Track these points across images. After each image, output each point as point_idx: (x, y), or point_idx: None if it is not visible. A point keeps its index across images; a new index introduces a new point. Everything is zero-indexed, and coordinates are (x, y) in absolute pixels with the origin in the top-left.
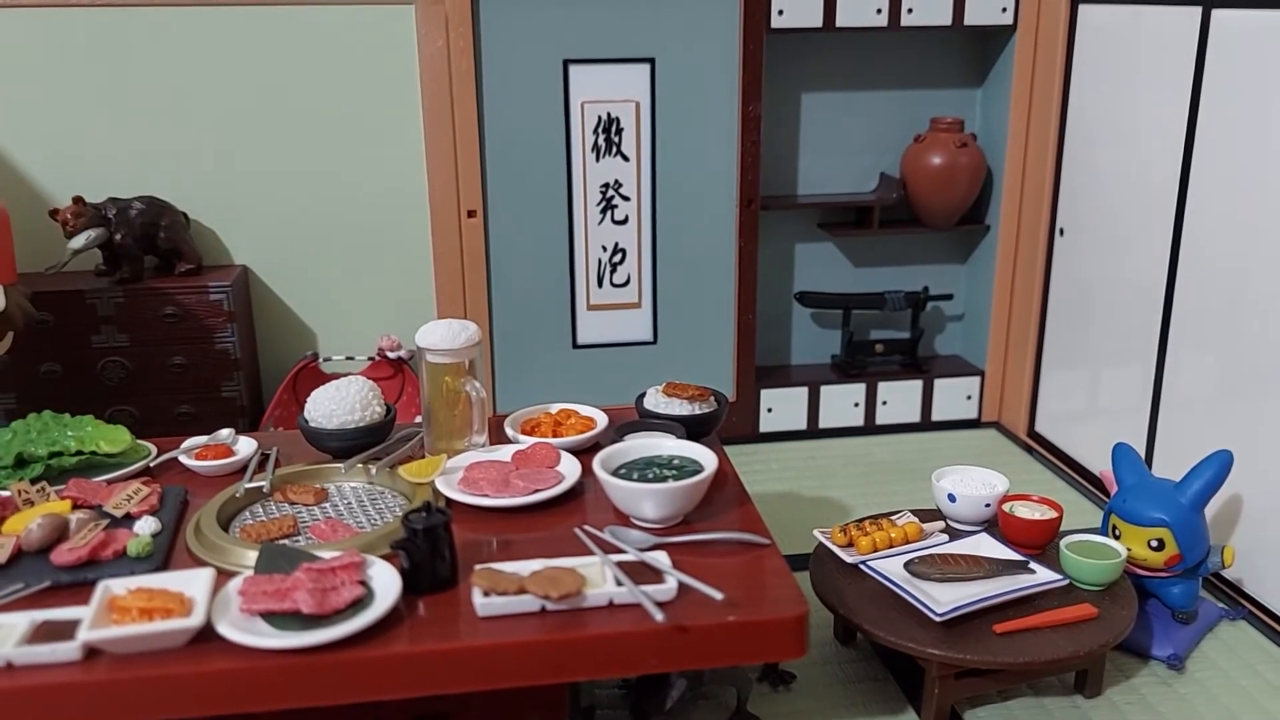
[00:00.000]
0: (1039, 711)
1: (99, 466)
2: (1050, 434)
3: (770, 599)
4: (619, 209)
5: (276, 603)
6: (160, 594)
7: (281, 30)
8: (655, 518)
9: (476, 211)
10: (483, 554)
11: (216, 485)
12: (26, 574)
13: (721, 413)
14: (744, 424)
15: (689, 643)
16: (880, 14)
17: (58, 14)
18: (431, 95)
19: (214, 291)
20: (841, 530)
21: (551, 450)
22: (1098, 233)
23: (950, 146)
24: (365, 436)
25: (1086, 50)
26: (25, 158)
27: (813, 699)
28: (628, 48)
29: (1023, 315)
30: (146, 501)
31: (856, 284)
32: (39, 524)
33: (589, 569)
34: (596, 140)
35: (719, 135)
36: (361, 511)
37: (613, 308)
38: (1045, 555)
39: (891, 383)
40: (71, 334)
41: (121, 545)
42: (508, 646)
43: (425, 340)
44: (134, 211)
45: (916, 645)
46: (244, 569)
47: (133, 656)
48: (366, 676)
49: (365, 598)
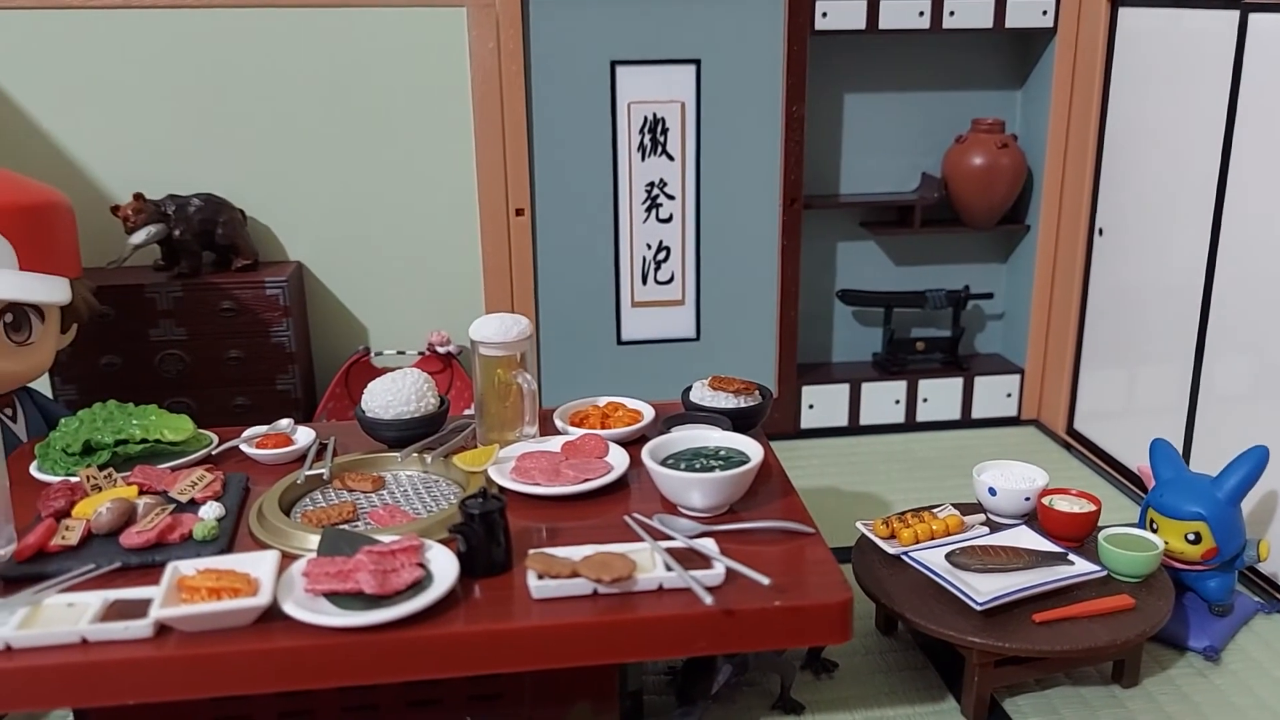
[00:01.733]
0: (1077, 701)
1: (163, 454)
2: (1089, 431)
3: (815, 585)
4: (663, 207)
5: (340, 583)
6: (228, 574)
7: (337, 32)
8: (702, 506)
9: (524, 210)
10: (534, 540)
11: (276, 473)
12: (97, 555)
13: (766, 406)
14: (785, 420)
15: (736, 626)
16: (922, 16)
17: (121, 15)
18: (482, 96)
19: (270, 287)
20: (884, 522)
21: (600, 441)
22: (1137, 233)
23: (991, 147)
24: (420, 427)
25: (1126, 52)
26: (88, 155)
27: (855, 687)
28: (674, 49)
29: (1062, 314)
30: (210, 488)
31: (898, 282)
32: (108, 508)
33: (639, 555)
34: (642, 140)
35: (763, 135)
36: (417, 498)
37: (657, 305)
38: (1084, 548)
39: (932, 380)
40: (131, 327)
41: (188, 529)
42: (561, 628)
43: (479, 333)
44: (192, 208)
45: (957, 634)
46: (306, 552)
47: (201, 634)
48: (425, 655)
49: (424, 580)
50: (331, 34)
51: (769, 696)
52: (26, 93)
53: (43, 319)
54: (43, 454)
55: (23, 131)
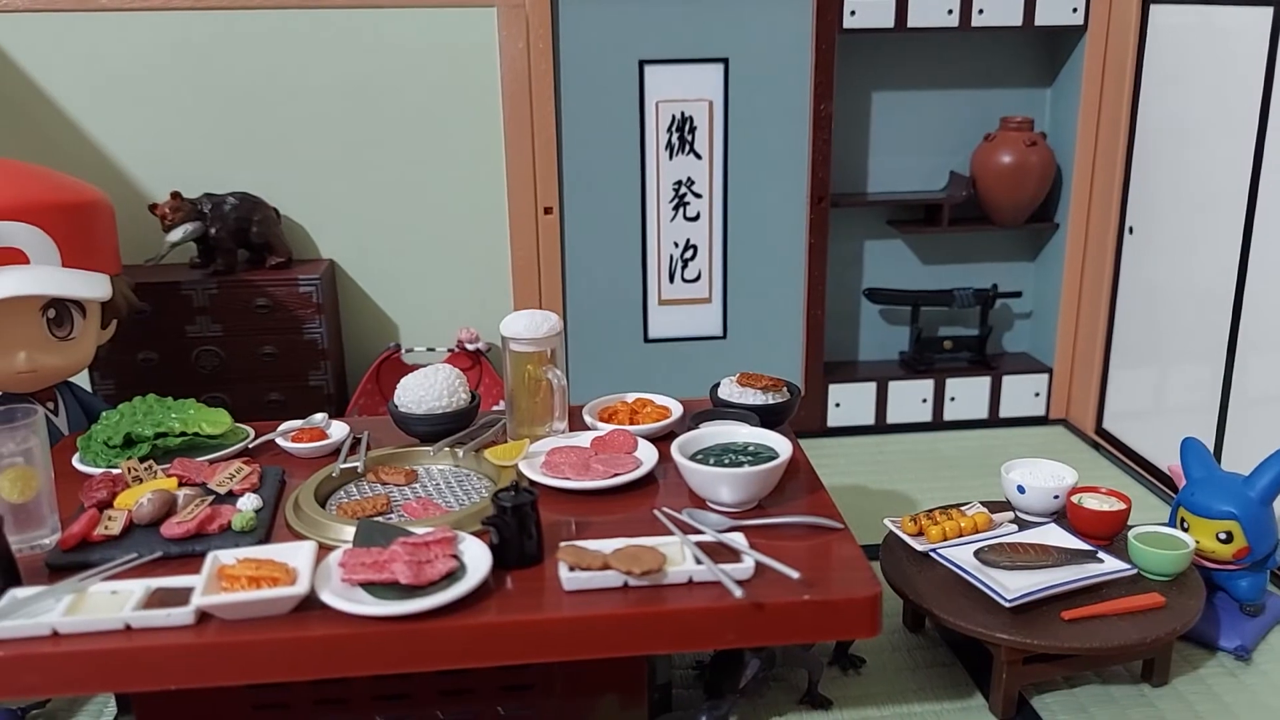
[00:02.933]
0: (1106, 699)
1: (201, 447)
2: (1118, 431)
3: (844, 579)
4: (691, 206)
5: (375, 573)
6: (267, 564)
7: (369, 33)
8: (731, 501)
9: (553, 208)
10: (564, 534)
11: (311, 466)
12: (138, 545)
13: (794, 403)
14: (812, 418)
15: (766, 619)
16: (951, 15)
17: (159, 18)
18: (511, 95)
19: (303, 284)
20: (912, 519)
21: (629, 437)
22: (1167, 231)
23: (1020, 145)
24: (451, 422)
25: (1157, 50)
26: (126, 154)
27: (882, 683)
28: (702, 48)
29: (1091, 313)
30: (248, 480)
31: (925, 281)
32: (149, 499)
33: (668, 548)
34: (670, 139)
35: (790, 133)
36: (450, 492)
37: (684, 303)
38: (1113, 547)
39: (960, 379)
40: (168, 324)
41: (226, 520)
42: (592, 619)
43: (509, 330)
44: (228, 206)
45: (985, 630)
46: (341, 543)
47: (241, 622)
48: (459, 644)
49: (458, 571)
50: (364, 35)
51: (796, 691)
52: (68, 94)
53: (84, 315)
54: (84, 446)
55: (64, 131)
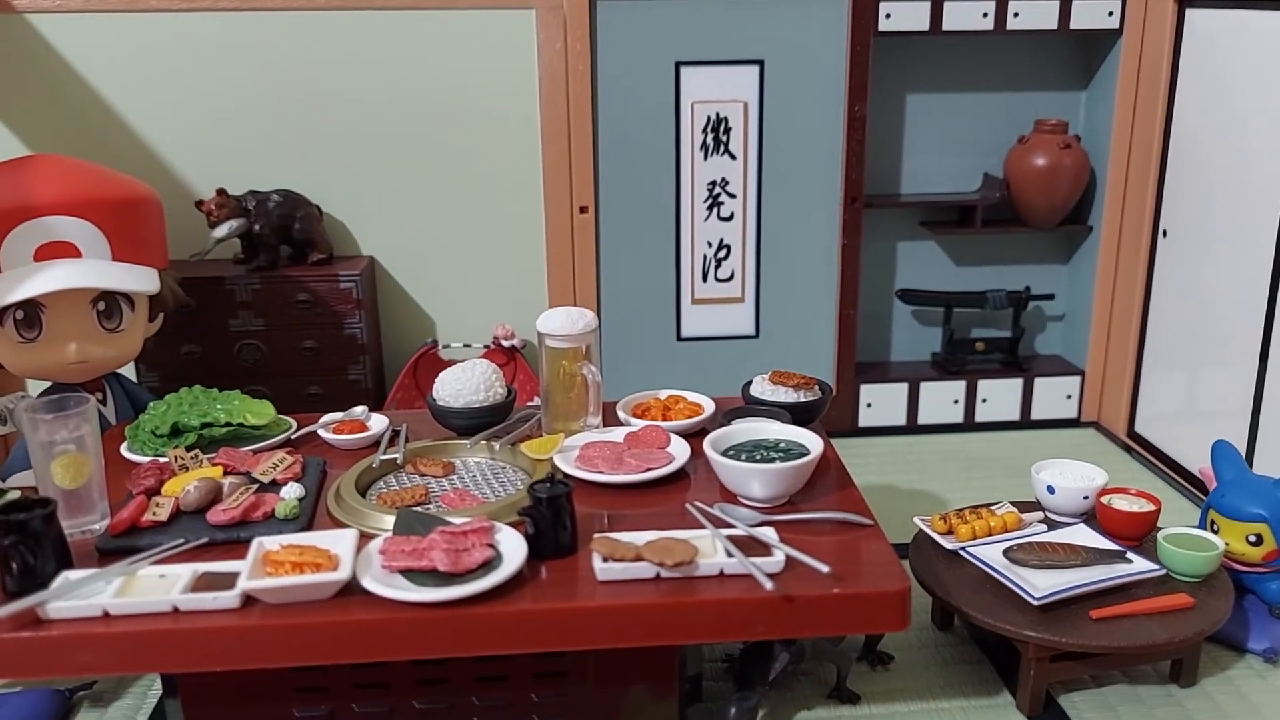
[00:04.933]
0: (1133, 699)
1: (245, 438)
2: (1150, 434)
3: (874, 574)
4: (725, 206)
5: (414, 561)
6: (310, 550)
7: (410, 34)
8: (763, 497)
9: (588, 207)
10: (597, 526)
11: (351, 457)
12: (185, 531)
13: (826, 401)
14: (843, 418)
15: (796, 611)
16: (986, 18)
17: (204, 19)
18: (549, 96)
19: (344, 280)
20: (941, 518)
21: (662, 433)
22: (1201, 234)
23: (1054, 148)
24: (488, 416)
25: (1192, 53)
26: (173, 152)
27: (910, 679)
28: (738, 50)
29: (1124, 315)
30: (290, 470)
31: (958, 282)
32: (195, 486)
33: (700, 541)
34: (705, 139)
35: (824, 135)
36: (486, 484)
37: (716, 302)
38: (1142, 548)
39: (991, 381)
40: (211, 318)
41: (270, 508)
42: (624, 608)
43: (545, 326)
44: (271, 203)
45: (1014, 628)
46: (381, 531)
47: (285, 606)
48: (495, 630)
49: (494, 560)
50: (405, 36)
51: (825, 686)
52: (118, 93)
53: (133, 308)
54: (132, 435)
55: (114, 129)
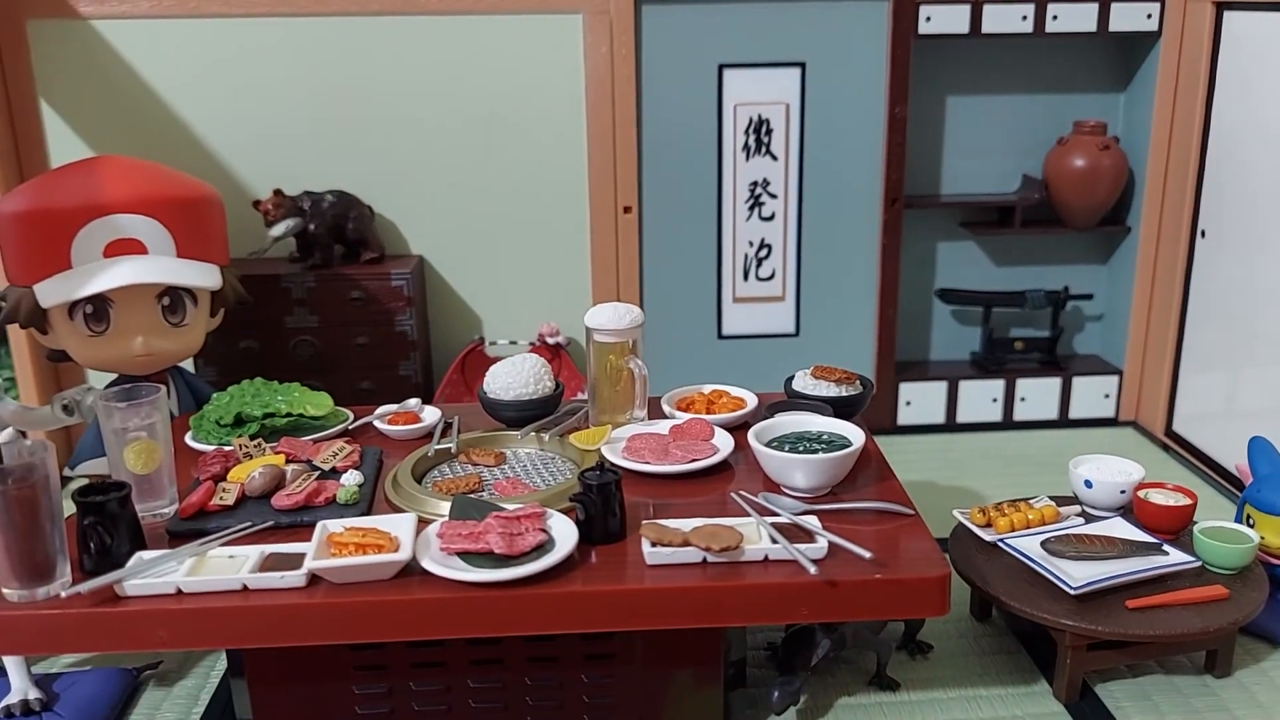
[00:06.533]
0: (1169, 689)
1: (305, 428)
2: (1188, 434)
3: (914, 560)
4: (766, 206)
5: (471, 543)
6: (372, 532)
7: (460, 39)
8: (805, 487)
9: (632, 207)
10: (644, 514)
11: (405, 448)
12: (251, 515)
13: (867, 395)
14: (882, 416)
15: (839, 596)
16: (1026, 20)
17: (262, 25)
18: (594, 98)
19: (395, 278)
20: (980, 511)
21: (706, 425)
22: (1240, 235)
23: (1093, 149)
24: (537, 408)
25: (1231, 56)
26: (232, 154)
27: (949, 668)
28: (780, 53)
29: (1162, 316)
30: (349, 458)
31: (997, 282)
32: (260, 473)
33: (745, 528)
34: (747, 140)
35: (865, 136)
36: (536, 473)
37: (757, 300)
38: (1178, 541)
39: (1030, 380)
40: (268, 314)
41: (331, 493)
42: (672, 590)
43: (593, 321)
44: (326, 204)
45: (1051, 616)
46: (437, 517)
47: (348, 585)
48: (548, 610)
49: (547, 544)
50: (455, 41)
51: (865, 674)
52: (179, 97)
53: (196, 303)
54: (196, 425)
55: (176, 132)
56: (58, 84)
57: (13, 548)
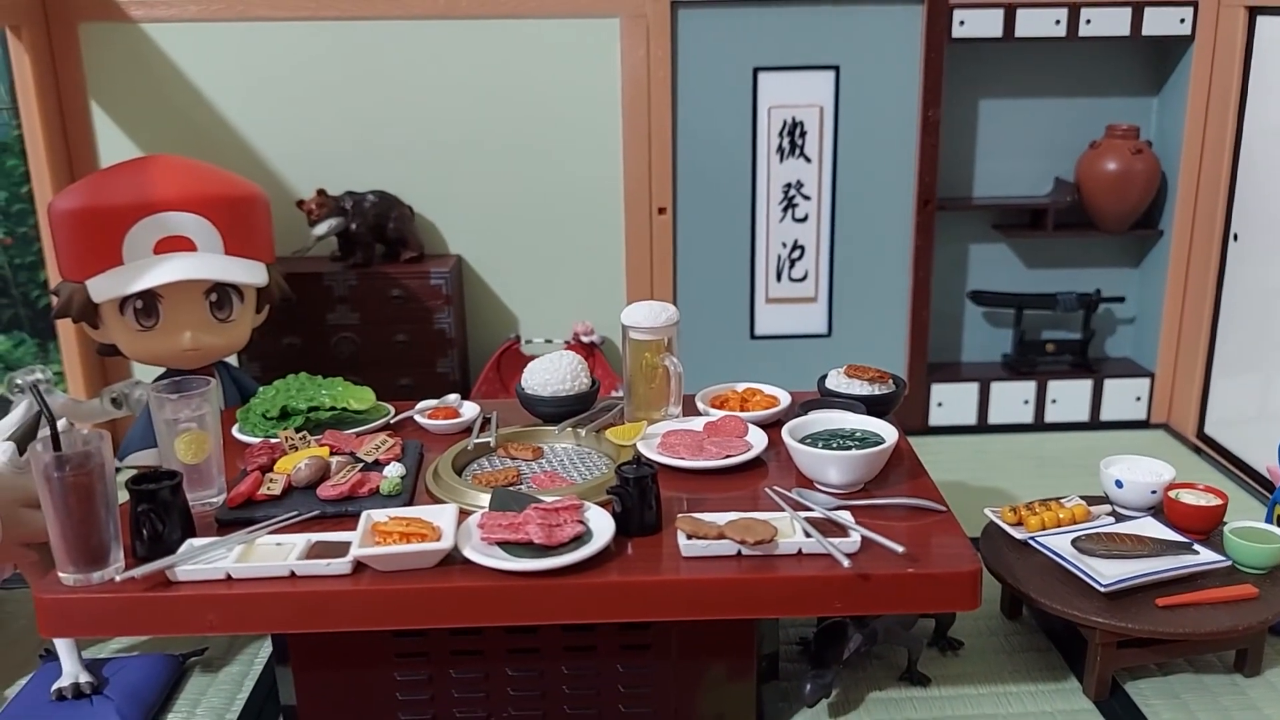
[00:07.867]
0: (1198, 687)
1: (348, 421)
2: (1220, 436)
3: (946, 555)
4: (799, 208)
5: (511, 534)
6: (415, 522)
7: (498, 41)
8: (839, 483)
9: (666, 209)
10: (679, 508)
11: (445, 442)
12: (297, 504)
13: (900, 394)
14: (914, 416)
15: (871, 589)
16: (1059, 25)
17: (305, 28)
18: (630, 101)
19: (434, 277)
20: (1011, 510)
21: (740, 422)
22: (1273, 238)
23: (1125, 153)
24: (574, 404)
25: (1264, 60)
26: (276, 154)
27: (979, 664)
28: (814, 56)
29: (1194, 319)
30: (391, 451)
31: (1029, 284)
32: (306, 464)
33: (779, 522)
34: (781, 143)
35: (898, 138)
36: (573, 467)
37: (790, 301)
38: (1209, 541)
39: (1061, 382)
40: (310, 312)
41: (375, 485)
42: (707, 582)
43: (630, 319)
44: (367, 204)
45: (1081, 614)
46: (477, 508)
47: (392, 573)
48: (587, 599)
49: (585, 535)
50: (494, 44)
51: (896, 669)
52: (226, 98)
53: (242, 299)
54: (243, 418)
55: (222, 133)
56: (108, 85)
57: (69, 533)
